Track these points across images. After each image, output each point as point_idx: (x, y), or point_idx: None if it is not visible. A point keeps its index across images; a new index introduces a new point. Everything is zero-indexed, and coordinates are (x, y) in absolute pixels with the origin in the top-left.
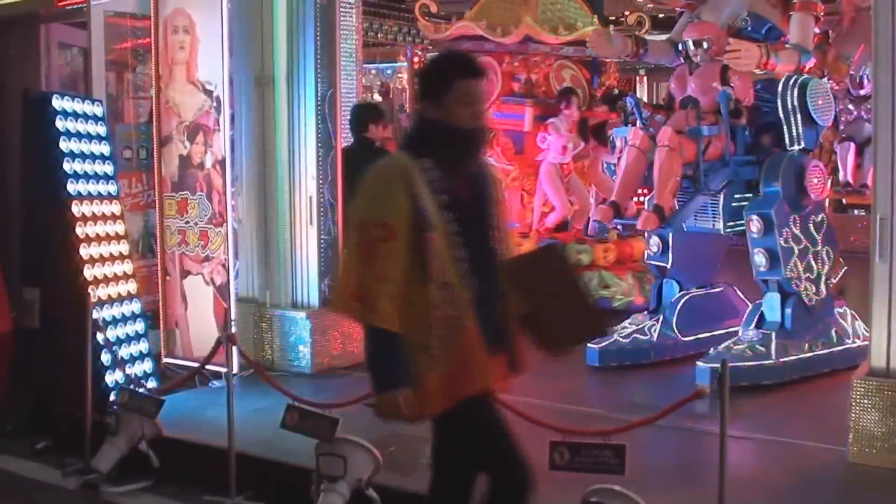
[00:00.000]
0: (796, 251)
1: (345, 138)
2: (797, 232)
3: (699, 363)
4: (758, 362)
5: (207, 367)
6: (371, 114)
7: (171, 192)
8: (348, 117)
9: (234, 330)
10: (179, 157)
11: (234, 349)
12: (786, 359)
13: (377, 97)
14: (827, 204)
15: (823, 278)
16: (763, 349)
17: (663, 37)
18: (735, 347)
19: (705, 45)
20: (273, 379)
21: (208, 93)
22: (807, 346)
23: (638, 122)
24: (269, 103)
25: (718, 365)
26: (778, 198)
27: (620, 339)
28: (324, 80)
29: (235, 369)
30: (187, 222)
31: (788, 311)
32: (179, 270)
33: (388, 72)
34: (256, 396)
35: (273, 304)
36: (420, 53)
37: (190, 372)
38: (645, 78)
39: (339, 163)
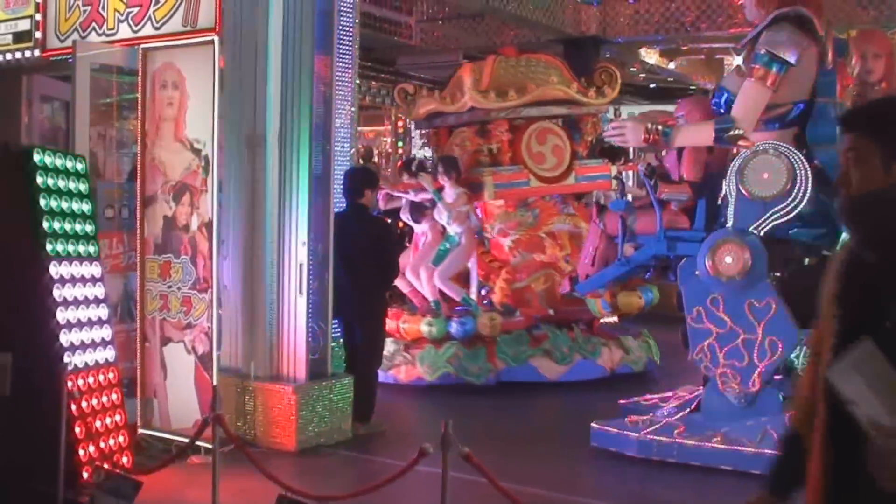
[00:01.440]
0: (713, 333)
1: (337, 203)
2: (718, 313)
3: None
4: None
5: (185, 437)
6: (366, 179)
7: (154, 255)
8: (342, 182)
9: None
10: (164, 217)
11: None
12: (681, 441)
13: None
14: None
15: (758, 371)
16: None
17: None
18: (642, 419)
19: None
20: (258, 459)
21: (196, 151)
22: (716, 437)
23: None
24: (259, 164)
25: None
26: (691, 275)
27: None
28: (318, 142)
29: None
30: (170, 287)
31: (704, 394)
32: (159, 337)
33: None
34: (240, 475)
35: (257, 377)
36: (403, 118)
37: (170, 456)
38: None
39: (330, 229)
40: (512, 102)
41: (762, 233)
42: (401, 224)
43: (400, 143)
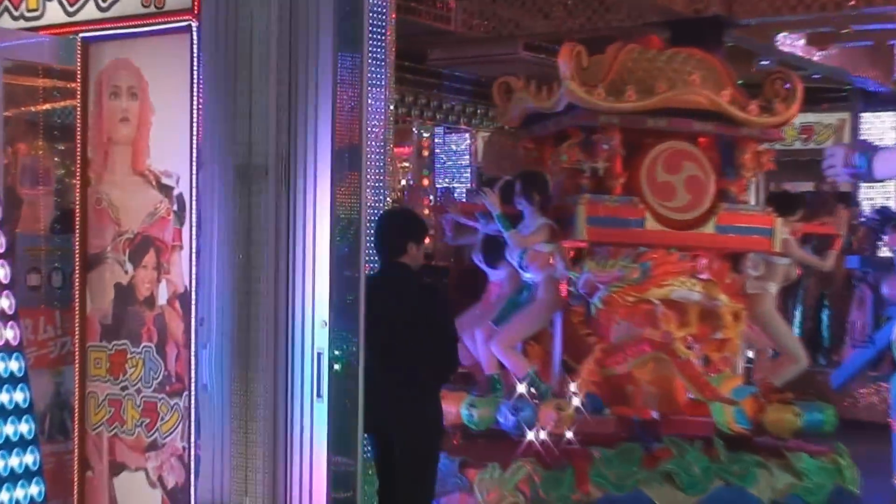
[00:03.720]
0: None
1: (370, 263)
2: None
3: None
4: None
5: None
6: (410, 228)
7: (101, 342)
8: (374, 231)
9: None
10: (116, 286)
11: None
12: None
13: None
14: None
15: None
16: None
17: None
18: None
19: None
20: None
21: (165, 189)
22: None
23: None
24: (256, 206)
25: None
26: None
27: None
28: (341, 175)
29: None
30: (124, 388)
31: None
32: (108, 463)
33: None
34: None
35: None
36: (428, 136)
37: None
38: None
39: (361, 301)
40: (627, 104)
41: None
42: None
43: (425, 172)
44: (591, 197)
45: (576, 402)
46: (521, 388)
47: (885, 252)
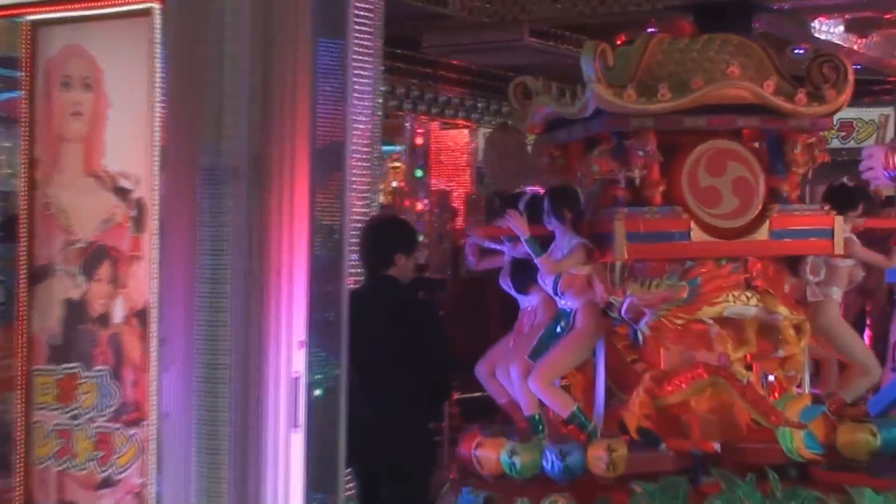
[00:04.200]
0: None
1: (353, 275)
2: None
3: None
4: None
5: None
6: (399, 238)
7: (49, 364)
8: (359, 241)
9: None
10: (66, 302)
11: None
12: None
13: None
14: None
15: None
16: None
17: None
18: None
19: None
20: None
21: (122, 193)
22: None
23: None
24: (226, 212)
25: None
26: None
27: None
28: (323, 176)
29: None
30: (75, 417)
31: None
32: (56, 501)
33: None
34: None
35: None
36: (422, 132)
37: None
38: None
39: (343, 318)
40: (661, 104)
41: None
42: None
43: (419, 173)
44: (630, 210)
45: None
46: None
47: None
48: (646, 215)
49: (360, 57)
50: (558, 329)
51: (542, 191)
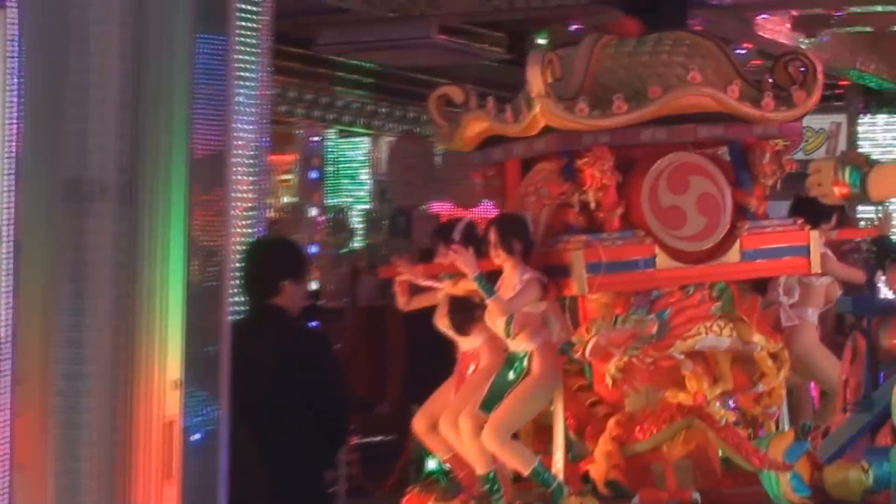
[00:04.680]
0: None
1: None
2: None
3: None
4: None
5: None
6: (286, 263)
7: None
8: (242, 266)
9: None
10: None
11: None
12: None
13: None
14: None
15: None
16: None
17: None
18: None
19: None
20: None
21: None
22: None
23: None
24: (90, 232)
25: None
26: None
27: None
28: (202, 192)
29: None
30: None
31: None
32: None
33: None
34: None
35: None
36: (317, 141)
37: None
38: None
39: (224, 354)
40: (618, 118)
41: None
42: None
43: (312, 186)
44: (589, 238)
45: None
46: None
47: (885, 291)
48: (606, 242)
49: (245, 55)
50: (511, 375)
51: (472, 216)
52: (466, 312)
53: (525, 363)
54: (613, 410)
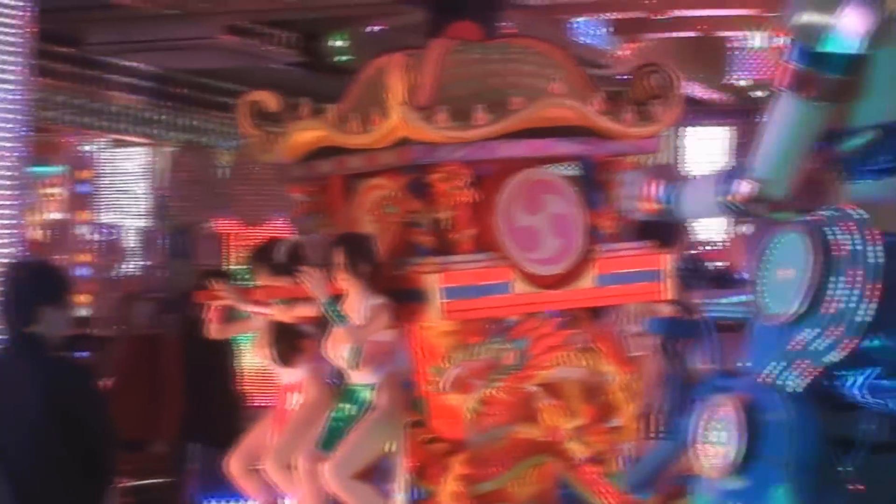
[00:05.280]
0: None
1: None
2: None
3: None
4: None
5: None
6: (46, 287)
7: None
8: None
9: None
10: None
11: None
12: None
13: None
14: None
15: None
16: None
17: None
18: None
19: None
20: None
21: None
22: None
23: None
24: None
25: None
26: None
27: None
28: None
29: None
30: None
31: None
32: None
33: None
34: None
35: None
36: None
37: None
38: None
39: None
40: (480, 130)
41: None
42: None
43: (81, 201)
44: (444, 260)
45: None
46: None
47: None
48: (461, 265)
49: (4, 55)
50: (353, 410)
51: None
52: (291, 342)
53: (369, 396)
54: (454, 448)
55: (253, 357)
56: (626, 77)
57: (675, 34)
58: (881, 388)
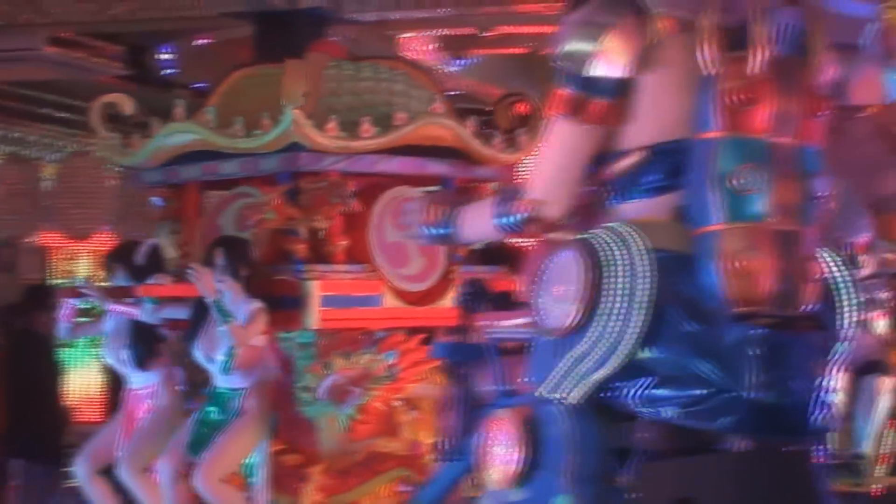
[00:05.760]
0: None
1: None
2: None
3: None
4: None
5: None
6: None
7: None
8: None
9: None
10: None
11: None
12: None
13: None
14: None
15: None
16: None
17: None
18: None
19: None
20: None
21: None
22: None
23: None
24: None
25: None
26: None
27: None
28: None
29: None
30: None
31: None
32: None
33: None
34: None
35: None
36: None
37: None
38: None
39: None
40: (365, 142)
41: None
42: None
43: None
44: (322, 268)
45: None
46: None
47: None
48: (338, 275)
49: None
50: (219, 415)
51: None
52: (149, 345)
53: (238, 401)
54: (307, 460)
55: (79, 373)
56: (455, 93)
57: (503, 51)
58: (655, 397)
